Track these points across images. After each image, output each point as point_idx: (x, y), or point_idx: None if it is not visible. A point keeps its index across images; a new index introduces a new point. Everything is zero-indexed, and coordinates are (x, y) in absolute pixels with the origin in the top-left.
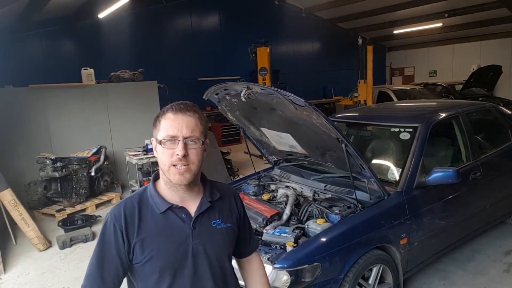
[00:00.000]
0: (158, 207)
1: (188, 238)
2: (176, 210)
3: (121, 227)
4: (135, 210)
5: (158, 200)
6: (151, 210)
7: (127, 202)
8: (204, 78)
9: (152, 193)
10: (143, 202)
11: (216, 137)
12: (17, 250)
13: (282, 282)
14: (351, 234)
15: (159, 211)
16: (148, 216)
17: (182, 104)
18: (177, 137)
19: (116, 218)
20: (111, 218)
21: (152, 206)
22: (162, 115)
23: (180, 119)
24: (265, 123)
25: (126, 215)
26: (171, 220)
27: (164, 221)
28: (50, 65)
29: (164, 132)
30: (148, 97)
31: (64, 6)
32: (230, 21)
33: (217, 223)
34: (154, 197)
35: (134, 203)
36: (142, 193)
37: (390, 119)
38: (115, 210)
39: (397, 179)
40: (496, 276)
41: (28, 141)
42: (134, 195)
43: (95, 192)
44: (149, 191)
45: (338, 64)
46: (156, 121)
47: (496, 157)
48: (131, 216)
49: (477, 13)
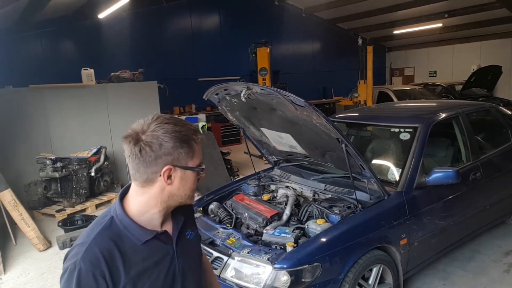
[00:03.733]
0: (138, 238)
1: (174, 259)
2: (158, 235)
3: (103, 274)
4: (114, 249)
5: (137, 231)
6: (129, 242)
7: (99, 241)
8: (204, 78)
9: (126, 224)
10: (117, 236)
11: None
12: (17, 250)
13: (282, 282)
14: (351, 234)
15: (140, 242)
16: (130, 250)
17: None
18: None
19: (93, 265)
20: (86, 266)
21: (129, 238)
22: (195, 138)
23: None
24: (265, 123)
25: (105, 258)
26: (155, 247)
27: (148, 251)
28: (50, 65)
29: (199, 158)
30: (148, 97)
31: (64, 6)
32: (230, 21)
33: (189, 234)
34: (130, 228)
35: (108, 241)
36: (110, 225)
37: (390, 119)
38: (87, 255)
39: (397, 179)
40: (496, 276)
41: (28, 141)
42: (103, 230)
43: (95, 192)
44: (120, 221)
45: (338, 64)
46: (188, 145)
47: (496, 157)
48: (111, 258)
49: (477, 13)
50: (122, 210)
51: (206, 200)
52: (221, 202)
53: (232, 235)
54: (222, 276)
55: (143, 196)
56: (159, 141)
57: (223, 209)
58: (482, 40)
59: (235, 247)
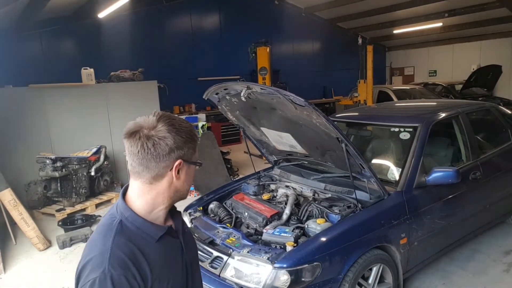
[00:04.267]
0: (152, 236)
1: (183, 252)
2: (168, 230)
3: (134, 276)
4: (135, 251)
5: (151, 229)
6: (144, 242)
7: (120, 246)
8: (204, 78)
9: (139, 223)
10: (131, 237)
11: (216, 137)
12: (17, 249)
13: (282, 282)
14: (351, 233)
15: (154, 240)
16: (147, 249)
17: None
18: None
19: (123, 269)
20: (117, 272)
21: (143, 237)
22: (196, 135)
23: None
24: (265, 123)
25: (132, 260)
26: (168, 242)
27: (162, 246)
28: (50, 65)
29: (197, 154)
30: (148, 97)
31: (64, 6)
32: (230, 21)
33: (186, 227)
34: (144, 227)
35: (127, 244)
36: (122, 229)
37: (390, 119)
38: (114, 261)
39: (397, 179)
40: (496, 276)
41: (28, 140)
42: (117, 236)
43: (95, 192)
44: (132, 223)
45: (338, 64)
46: (191, 141)
47: (496, 157)
48: (136, 259)
49: (477, 13)
50: (132, 211)
51: (206, 199)
52: (221, 201)
53: (232, 234)
54: (222, 276)
55: (149, 193)
56: (173, 136)
57: (223, 209)
58: (482, 39)
59: (235, 246)
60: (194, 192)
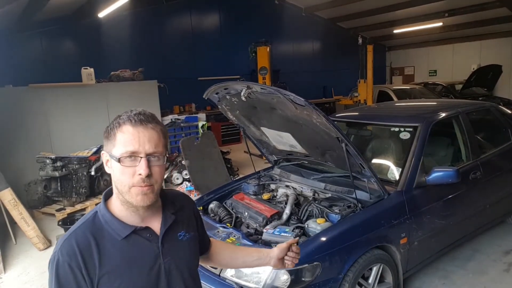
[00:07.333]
0: (118, 233)
1: (158, 258)
2: (140, 232)
3: (79, 266)
4: (91, 242)
5: (116, 226)
6: (109, 237)
7: (78, 234)
8: (204, 77)
9: (107, 218)
10: (97, 230)
11: (216, 136)
12: (17, 249)
13: (282, 281)
14: (351, 233)
15: (120, 237)
16: (108, 245)
17: (141, 115)
18: (139, 154)
19: (69, 257)
20: (62, 258)
21: (110, 233)
22: (117, 127)
23: (141, 133)
24: (265, 123)
25: (81, 250)
26: (136, 243)
27: (128, 246)
28: (50, 64)
29: (122, 148)
30: (148, 97)
31: (64, 6)
32: (230, 20)
33: (182, 235)
34: (111, 223)
35: (87, 234)
36: (93, 220)
37: (390, 118)
38: (64, 247)
39: (397, 178)
40: (496, 276)
41: (28, 140)
42: (84, 224)
43: (95, 192)
44: (102, 215)
45: (338, 63)
46: (110, 134)
47: (496, 156)
48: (88, 250)
49: (477, 13)
50: (104, 205)
51: (206, 199)
52: (221, 201)
53: (232, 234)
54: (222, 275)
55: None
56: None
57: (223, 208)
58: (482, 39)
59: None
60: (194, 191)
